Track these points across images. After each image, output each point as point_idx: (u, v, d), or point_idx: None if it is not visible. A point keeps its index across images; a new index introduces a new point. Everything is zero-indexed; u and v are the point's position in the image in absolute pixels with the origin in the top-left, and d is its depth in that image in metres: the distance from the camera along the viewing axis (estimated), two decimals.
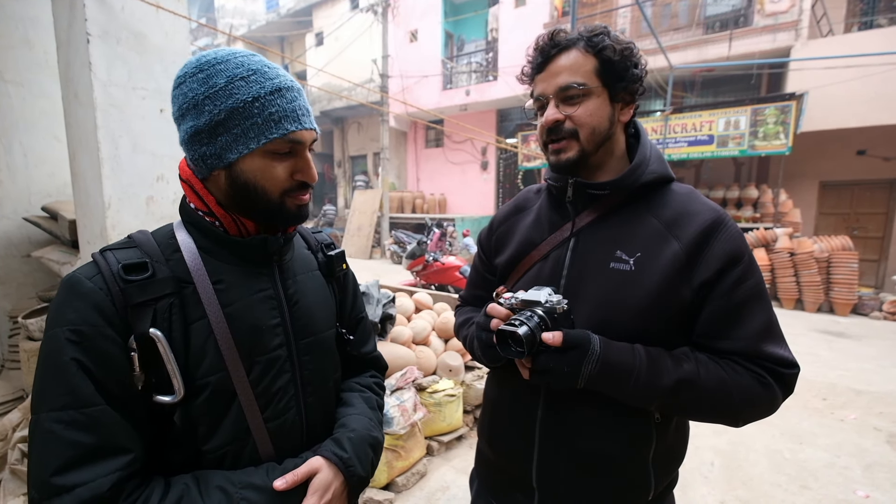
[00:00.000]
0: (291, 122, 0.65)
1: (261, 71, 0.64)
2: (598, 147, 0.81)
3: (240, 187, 0.66)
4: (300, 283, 0.77)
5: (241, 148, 0.63)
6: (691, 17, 9.35)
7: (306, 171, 0.68)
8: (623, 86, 0.79)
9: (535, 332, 0.69)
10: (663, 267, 0.75)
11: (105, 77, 1.89)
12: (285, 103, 0.64)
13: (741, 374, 0.73)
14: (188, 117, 0.64)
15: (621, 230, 0.81)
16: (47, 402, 0.55)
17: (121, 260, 0.62)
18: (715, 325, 0.75)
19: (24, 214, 2.76)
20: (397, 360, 2.61)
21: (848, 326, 5.89)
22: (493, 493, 0.96)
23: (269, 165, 0.65)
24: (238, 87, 0.62)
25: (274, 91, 0.64)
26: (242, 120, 0.62)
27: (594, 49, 0.77)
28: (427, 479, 2.43)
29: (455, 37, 13.30)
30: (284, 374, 0.71)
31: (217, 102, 0.62)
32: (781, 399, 0.75)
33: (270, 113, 0.63)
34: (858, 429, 3.09)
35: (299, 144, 0.67)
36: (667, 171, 0.83)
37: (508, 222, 0.99)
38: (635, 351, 0.73)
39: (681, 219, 0.78)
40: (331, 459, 0.71)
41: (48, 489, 0.53)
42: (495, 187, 12.87)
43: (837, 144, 8.28)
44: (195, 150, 0.65)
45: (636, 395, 0.73)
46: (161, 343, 0.60)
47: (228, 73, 0.63)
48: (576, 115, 0.78)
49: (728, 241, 0.75)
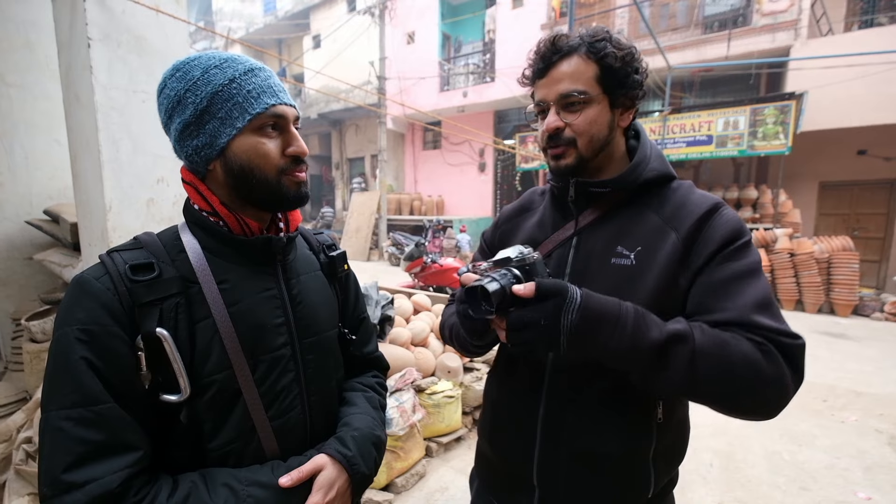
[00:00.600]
0: (270, 96, 0.67)
1: (232, 58, 0.68)
2: (597, 153, 0.82)
3: (236, 173, 0.67)
4: (303, 282, 0.79)
5: (230, 129, 0.66)
6: (690, 18, 9.36)
7: (295, 143, 0.70)
8: (623, 92, 0.80)
9: (505, 288, 0.66)
10: (663, 259, 0.76)
11: (106, 80, 1.90)
12: (260, 81, 0.67)
13: (739, 339, 0.66)
14: (175, 116, 0.67)
15: (622, 227, 0.82)
16: (57, 400, 0.56)
17: (127, 260, 0.63)
18: (705, 298, 0.72)
19: (25, 217, 2.78)
20: (396, 361, 2.62)
21: (848, 328, 5.88)
22: (493, 492, 0.96)
23: (259, 143, 0.67)
24: (213, 74, 0.66)
25: (247, 71, 0.67)
26: (224, 102, 0.65)
27: (596, 55, 0.77)
28: (426, 479, 2.43)
29: (452, 38, 13.31)
30: (288, 372, 0.72)
31: (197, 92, 0.65)
32: (790, 377, 0.66)
33: (248, 91, 0.66)
34: (859, 430, 3.09)
35: (282, 118, 0.69)
36: (667, 170, 0.84)
37: (513, 221, 1.00)
38: (621, 303, 0.68)
39: (679, 211, 0.79)
40: (335, 457, 0.72)
41: (60, 485, 0.54)
42: (493, 189, 12.87)
43: (837, 144, 8.28)
44: (188, 146, 0.67)
45: (622, 352, 0.66)
46: (167, 342, 0.61)
47: (202, 66, 0.66)
48: (575, 124, 0.79)
49: (722, 225, 0.75)
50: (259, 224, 0.73)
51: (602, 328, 0.66)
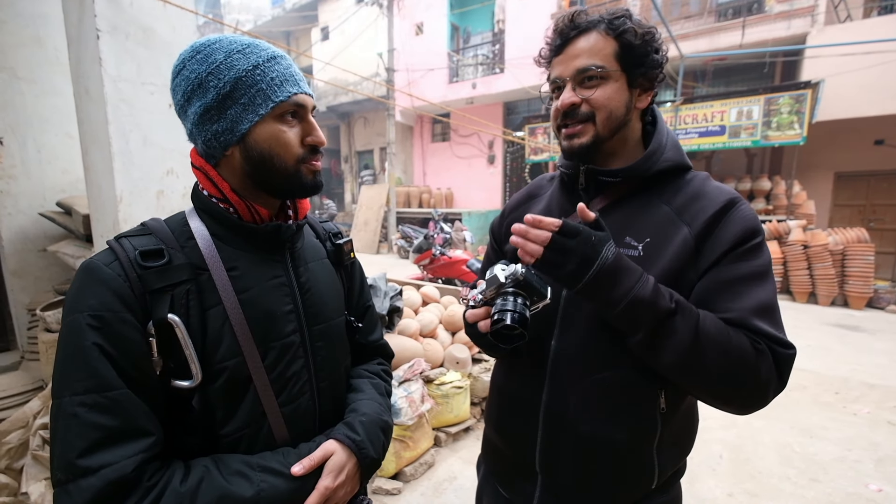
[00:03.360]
0: (292, 84, 0.67)
1: (254, 44, 0.67)
2: (614, 133, 0.79)
3: (255, 160, 0.67)
4: (311, 270, 0.79)
5: (252, 116, 0.65)
6: (703, 5, 9.16)
7: (314, 133, 0.70)
8: (642, 71, 0.77)
9: (520, 311, 0.69)
10: (672, 252, 0.74)
11: (115, 72, 1.91)
12: (282, 69, 0.67)
13: (739, 334, 0.69)
14: (194, 98, 0.66)
15: (632, 217, 0.80)
16: (70, 387, 0.56)
17: (137, 247, 0.63)
18: (709, 295, 0.73)
19: (39, 210, 2.82)
20: (405, 352, 2.63)
21: (862, 320, 5.79)
22: (497, 478, 0.97)
23: (280, 131, 0.67)
24: (237, 59, 0.65)
25: (270, 59, 0.67)
26: (248, 88, 0.65)
27: (615, 32, 0.75)
28: (435, 469, 2.46)
29: (461, 29, 13.17)
30: (298, 359, 0.73)
31: (220, 76, 0.64)
32: (775, 382, 0.69)
33: (272, 78, 0.66)
34: (871, 423, 3.05)
35: (303, 108, 0.69)
36: (682, 160, 0.82)
37: (520, 209, 0.98)
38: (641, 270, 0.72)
39: (692, 203, 0.77)
40: (344, 442, 0.72)
41: (74, 470, 0.54)
42: (502, 181, 12.80)
43: (854, 134, 8.09)
44: (207, 130, 0.66)
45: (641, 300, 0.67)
46: (179, 329, 0.61)
47: (225, 49, 0.65)
48: (593, 99, 0.76)
49: (738, 222, 0.74)
50: (268, 211, 0.73)
51: (630, 274, 0.69)
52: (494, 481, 0.98)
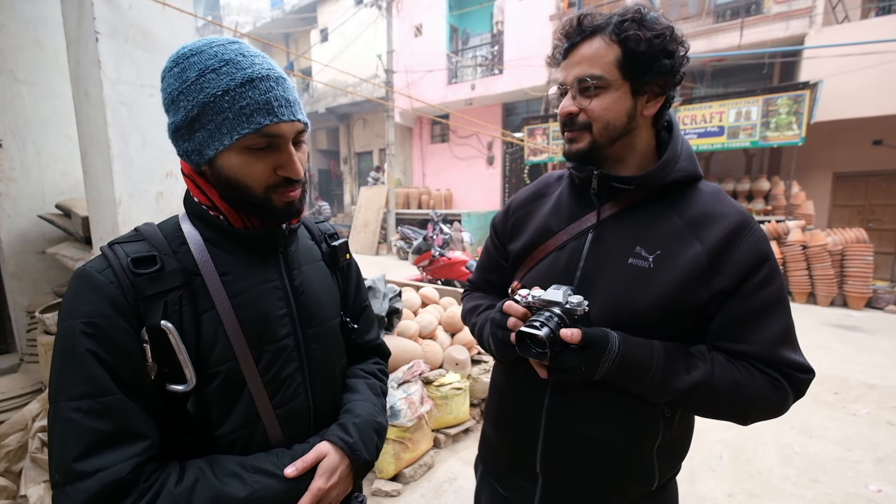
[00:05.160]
0: (265, 115, 0.62)
1: (233, 61, 0.62)
2: (614, 141, 0.78)
3: (223, 183, 0.66)
4: (305, 273, 0.79)
5: (217, 144, 0.63)
6: (701, 6, 9.17)
7: (288, 166, 0.66)
8: (648, 79, 0.74)
9: (556, 333, 0.69)
10: (683, 267, 0.74)
11: (114, 75, 1.91)
12: (258, 95, 0.62)
13: (755, 377, 0.73)
14: (169, 114, 0.66)
15: (643, 226, 0.79)
16: (66, 392, 0.57)
17: (129, 253, 0.63)
18: (732, 327, 0.74)
19: (38, 212, 2.82)
20: (404, 353, 2.63)
21: (861, 320, 5.79)
22: (496, 477, 0.97)
23: (248, 162, 0.64)
24: (209, 80, 0.61)
25: (245, 82, 0.61)
26: (214, 115, 0.61)
27: (619, 37, 0.72)
28: (434, 470, 2.45)
29: (460, 30, 13.18)
30: (292, 362, 0.73)
31: (189, 98, 0.62)
32: (792, 401, 0.75)
33: (241, 107, 0.61)
34: (871, 423, 3.06)
35: (278, 138, 0.64)
36: (695, 170, 0.81)
37: (526, 208, 0.96)
38: (653, 349, 0.73)
39: (705, 219, 0.76)
40: (337, 444, 0.73)
41: (71, 474, 0.55)
42: (501, 182, 12.80)
43: (852, 134, 8.09)
44: (179, 147, 0.66)
45: (649, 392, 0.74)
46: (172, 335, 0.62)
47: (200, 66, 0.62)
48: (589, 109, 0.76)
49: (752, 246, 0.74)
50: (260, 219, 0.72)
51: (633, 374, 0.73)
52: (492, 479, 0.98)
